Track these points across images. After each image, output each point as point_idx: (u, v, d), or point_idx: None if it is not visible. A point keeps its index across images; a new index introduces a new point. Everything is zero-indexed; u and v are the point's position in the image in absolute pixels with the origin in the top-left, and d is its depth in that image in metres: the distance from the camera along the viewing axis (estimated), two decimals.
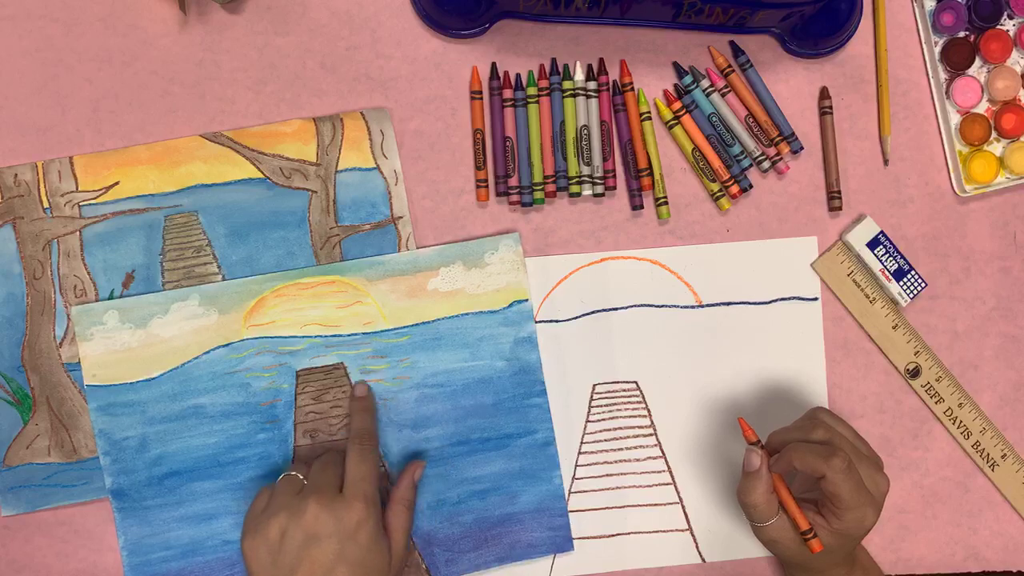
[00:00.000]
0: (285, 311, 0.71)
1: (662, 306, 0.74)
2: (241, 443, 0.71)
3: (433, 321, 0.71)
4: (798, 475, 0.66)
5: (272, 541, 0.62)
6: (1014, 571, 0.76)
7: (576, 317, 0.73)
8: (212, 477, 0.70)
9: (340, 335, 0.71)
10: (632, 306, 0.73)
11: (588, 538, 0.73)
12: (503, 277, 0.72)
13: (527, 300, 0.72)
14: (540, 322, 0.73)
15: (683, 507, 0.73)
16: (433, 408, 0.72)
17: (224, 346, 0.70)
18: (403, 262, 0.71)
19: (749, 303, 0.74)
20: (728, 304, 0.74)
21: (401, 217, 0.72)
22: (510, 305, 0.72)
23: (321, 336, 0.71)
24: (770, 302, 0.74)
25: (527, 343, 0.72)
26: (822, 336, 0.74)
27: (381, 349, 0.71)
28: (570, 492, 0.73)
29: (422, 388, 0.72)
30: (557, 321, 0.73)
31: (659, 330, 0.73)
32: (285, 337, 0.71)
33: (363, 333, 0.71)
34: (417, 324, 0.71)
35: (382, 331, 0.71)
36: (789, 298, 0.74)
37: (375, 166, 0.72)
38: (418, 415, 0.71)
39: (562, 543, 0.72)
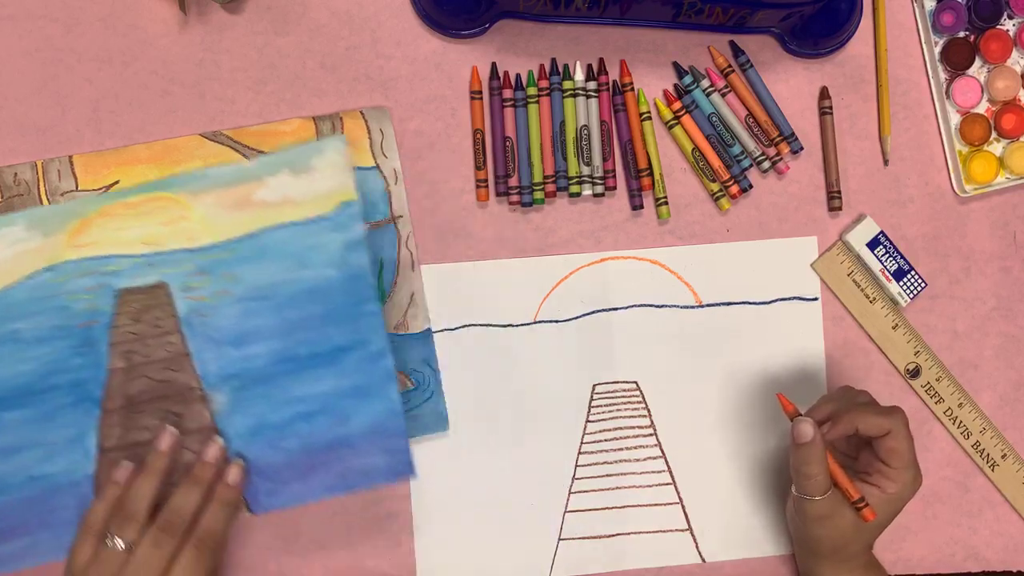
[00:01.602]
0: (110, 231, 0.68)
1: (662, 306, 0.74)
2: (55, 369, 0.67)
3: (259, 232, 0.68)
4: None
5: None
6: (1014, 571, 0.76)
7: (576, 317, 0.73)
8: (21, 407, 0.67)
9: (163, 252, 0.68)
10: (632, 306, 0.73)
11: (588, 538, 0.73)
12: (330, 181, 0.68)
13: (355, 201, 0.68)
14: (540, 322, 0.73)
15: (683, 507, 0.73)
16: (257, 323, 0.67)
17: (47, 269, 0.68)
18: (228, 174, 0.69)
19: (749, 303, 0.74)
20: (728, 304, 0.74)
21: (400, 216, 0.72)
22: (338, 208, 0.68)
23: (144, 255, 0.68)
24: (770, 302, 0.74)
25: (357, 247, 0.67)
26: (822, 336, 0.74)
27: (204, 266, 0.68)
28: (570, 492, 0.73)
29: (245, 302, 0.68)
30: (557, 321, 0.73)
31: (659, 330, 0.73)
32: (108, 257, 0.68)
33: (187, 250, 0.68)
34: (243, 237, 0.68)
35: (206, 247, 0.68)
36: (789, 298, 0.74)
37: (375, 165, 0.72)
38: (240, 331, 0.67)
39: (402, 468, 0.67)
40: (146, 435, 0.67)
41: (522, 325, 0.73)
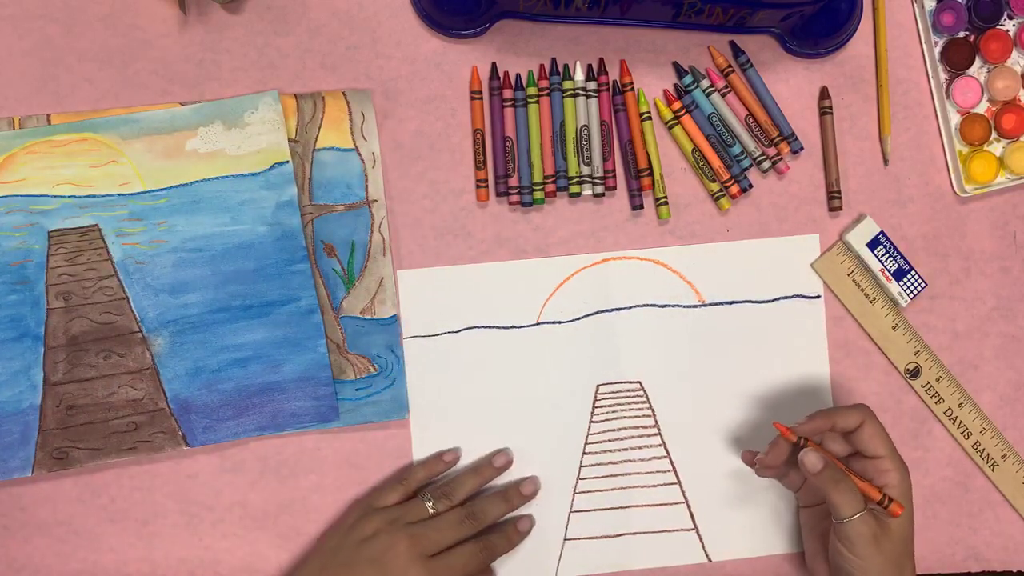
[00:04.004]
0: (37, 168, 0.69)
1: (664, 306, 0.74)
2: None
3: (192, 183, 0.70)
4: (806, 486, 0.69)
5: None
6: (1014, 571, 0.76)
7: (579, 318, 0.73)
8: None
9: (94, 195, 0.70)
10: (635, 306, 0.73)
11: (593, 538, 0.73)
12: (263, 138, 0.70)
13: (288, 162, 0.70)
14: (543, 323, 0.73)
15: (688, 506, 0.73)
16: (192, 273, 0.70)
17: None
18: (159, 120, 0.70)
19: (752, 301, 0.74)
20: (731, 303, 0.74)
21: (376, 200, 0.72)
22: (271, 168, 0.70)
23: (74, 196, 0.69)
24: (773, 300, 0.74)
25: (288, 207, 0.70)
26: (825, 334, 0.74)
27: (137, 212, 0.70)
28: (575, 492, 0.73)
29: (180, 252, 0.70)
30: (560, 323, 0.73)
31: (662, 330, 0.73)
32: (36, 196, 0.69)
33: (119, 195, 0.70)
34: (175, 186, 0.70)
35: (138, 193, 0.70)
36: (791, 296, 0.74)
37: (354, 147, 0.71)
38: (176, 280, 0.70)
39: (327, 413, 0.71)
40: (92, 372, 0.70)
41: (525, 327, 0.73)
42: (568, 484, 0.73)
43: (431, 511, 0.68)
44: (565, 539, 0.73)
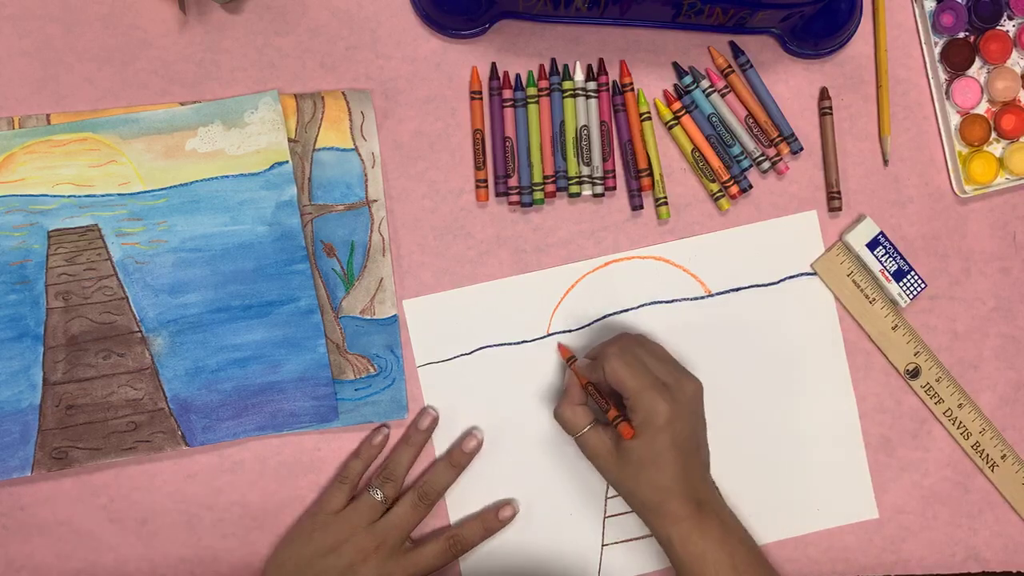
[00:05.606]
0: (36, 168, 0.69)
1: (672, 301, 0.74)
2: None
3: (191, 183, 0.70)
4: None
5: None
6: (1014, 571, 0.76)
7: (589, 324, 0.73)
8: None
9: (94, 195, 0.70)
10: (642, 305, 0.73)
11: (632, 540, 0.73)
12: (263, 138, 0.70)
13: (287, 162, 0.70)
14: (554, 334, 0.73)
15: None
16: (191, 273, 0.70)
17: None
18: (159, 120, 0.70)
19: (758, 286, 0.74)
20: (737, 290, 0.74)
21: (376, 200, 0.72)
22: (271, 167, 0.70)
23: (74, 196, 0.70)
24: (778, 282, 0.74)
25: (288, 207, 0.70)
26: (835, 306, 0.74)
27: (137, 211, 0.70)
28: (607, 498, 0.73)
29: (179, 252, 0.70)
30: (571, 331, 0.73)
31: (672, 325, 0.73)
32: (36, 196, 0.69)
33: (118, 194, 0.70)
34: (175, 186, 0.70)
35: (138, 192, 0.70)
36: (796, 275, 0.74)
37: (353, 147, 0.71)
38: (175, 280, 0.70)
39: (326, 413, 0.71)
40: (91, 372, 0.70)
41: (536, 339, 0.73)
42: (599, 490, 0.73)
43: (381, 500, 0.69)
44: (603, 545, 0.73)
